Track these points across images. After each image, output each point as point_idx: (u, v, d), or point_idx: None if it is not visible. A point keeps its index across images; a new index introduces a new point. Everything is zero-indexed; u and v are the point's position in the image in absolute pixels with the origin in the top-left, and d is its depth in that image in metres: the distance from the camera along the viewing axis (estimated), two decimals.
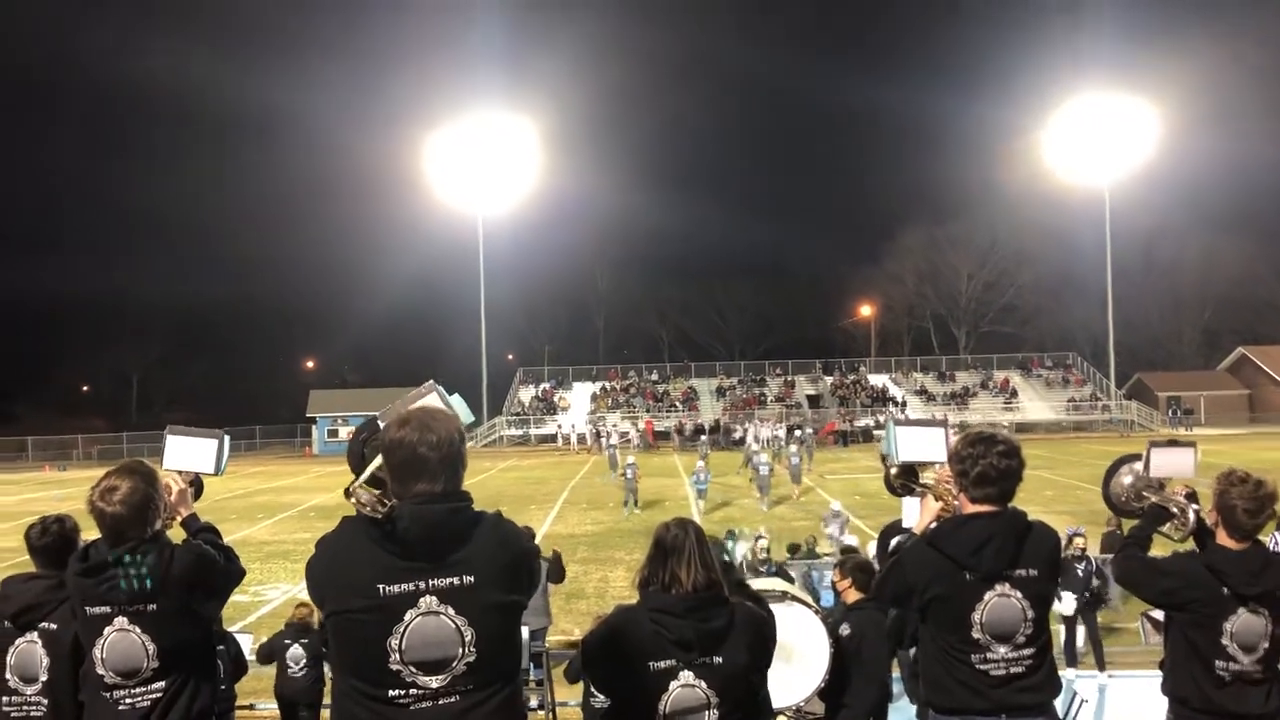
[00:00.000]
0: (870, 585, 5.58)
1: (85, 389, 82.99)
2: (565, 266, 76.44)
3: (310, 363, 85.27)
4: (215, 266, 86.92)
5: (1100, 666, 9.75)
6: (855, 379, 62.64)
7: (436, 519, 2.45)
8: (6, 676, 3.58)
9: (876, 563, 4.65)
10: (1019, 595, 3.25)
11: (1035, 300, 72.28)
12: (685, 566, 2.94)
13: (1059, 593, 9.05)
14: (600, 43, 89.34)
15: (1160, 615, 3.97)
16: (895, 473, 3.83)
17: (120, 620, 3.13)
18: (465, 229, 62.06)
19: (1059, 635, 9.81)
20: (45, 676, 3.53)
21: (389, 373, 68.26)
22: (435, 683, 2.42)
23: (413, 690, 2.42)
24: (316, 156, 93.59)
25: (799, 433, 39.27)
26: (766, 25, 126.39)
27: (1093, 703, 8.79)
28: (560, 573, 10.19)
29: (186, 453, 3.68)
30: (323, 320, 79.65)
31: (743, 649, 2.95)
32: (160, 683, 3.18)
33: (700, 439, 44.76)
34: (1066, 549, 9.83)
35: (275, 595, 14.73)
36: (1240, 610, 3.51)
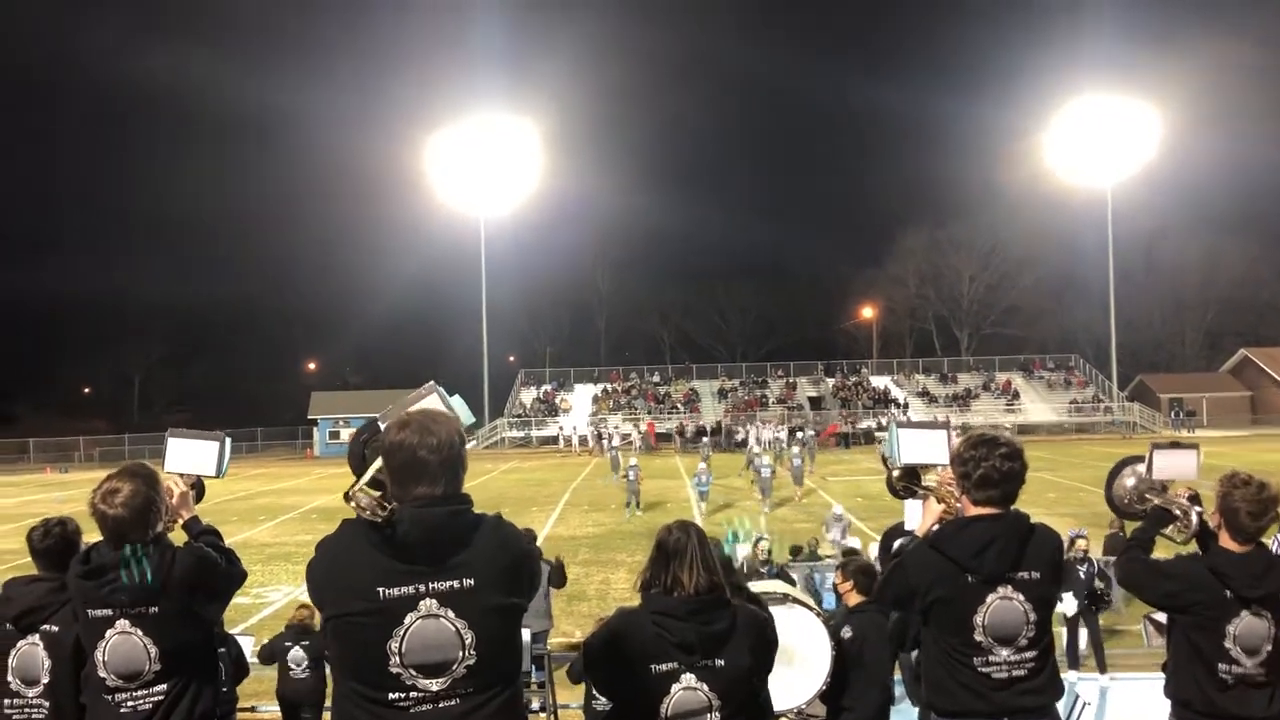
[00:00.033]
0: (872, 588, 5.58)
1: (86, 390, 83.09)
2: (567, 268, 76.60)
3: (312, 364, 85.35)
4: (216, 268, 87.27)
5: (1101, 669, 9.74)
6: (857, 381, 62.62)
7: (437, 522, 2.45)
8: (8, 679, 3.57)
9: (879, 565, 4.64)
10: (1021, 598, 3.24)
11: (1037, 302, 72.22)
12: (687, 569, 2.93)
13: (1061, 594, 9.04)
14: (601, 43, 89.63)
15: (1163, 618, 3.96)
16: (897, 475, 3.82)
17: (122, 623, 3.13)
18: (467, 230, 62.21)
19: (1061, 637, 9.80)
20: (47, 679, 3.53)
21: (390, 374, 68.34)
22: (435, 686, 2.41)
23: (413, 693, 2.41)
24: (318, 157, 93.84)
25: (801, 434, 39.28)
26: (768, 26, 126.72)
27: (1094, 705, 8.78)
28: (562, 579, 10.19)
29: (188, 455, 3.67)
30: (324, 322, 79.87)
31: (745, 651, 2.94)
32: (162, 685, 3.18)
33: (702, 440, 44.75)
34: (1069, 551, 9.82)
35: (277, 597, 14.73)
36: (1243, 613, 3.50)
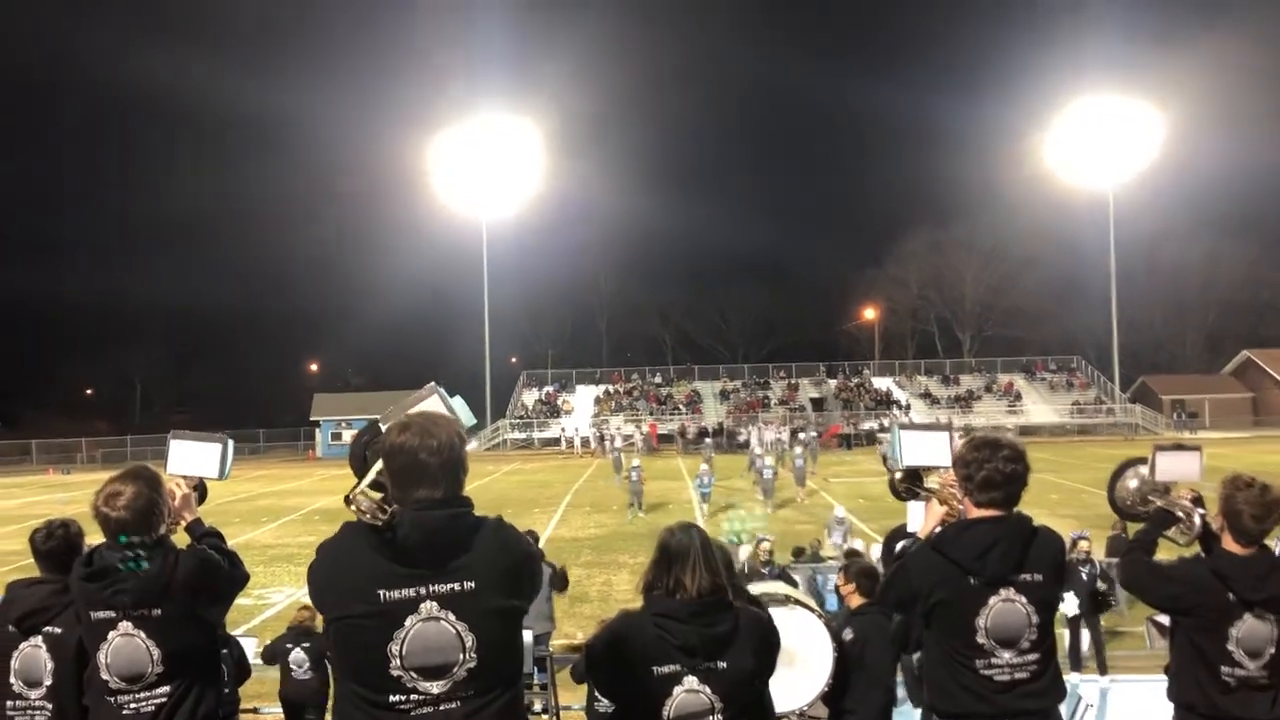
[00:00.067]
0: (874, 590, 5.58)
1: (88, 392, 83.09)
2: (569, 269, 76.54)
3: (314, 366, 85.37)
4: (219, 270, 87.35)
5: (1102, 670, 9.73)
6: (859, 382, 62.59)
7: (437, 525, 2.45)
8: (11, 681, 3.57)
9: (882, 566, 4.64)
10: (1024, 600, 3.23)
11: (1039, 303, 72.07)
12: (689, 571, 2.92)
13: (1062, 594, 9.03)
14: (603, 45, 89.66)
15: (1166, 620, 3.96)
16: (900, 477, 3.82)
17: (124, 625, 3.13)
18: (469, 232, 62.19)
19: (1063, 639, 9.79)
20: (49, 681, 3.53)
21: (393, 376, 68.27)
22: (436, 688, 2.41)
23: (414, 696, 2.41)
24: (320, 159, 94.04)
25: (803, 435, 39.29)
26: (769, 27, 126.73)
27: (1095, 707, 8.78)
28: (564, 585, 10.20)
29: (190, 457, 3.67)
30: (327, 323, 79.86)
31: (748, 654, 2.93)
32: (165, 687, 3.18)
33: (704, 442, 44.75)
34: (1070, 552, 9.82)
35: (279, 599, 14.74)
36: (1246, 616, 3.49)
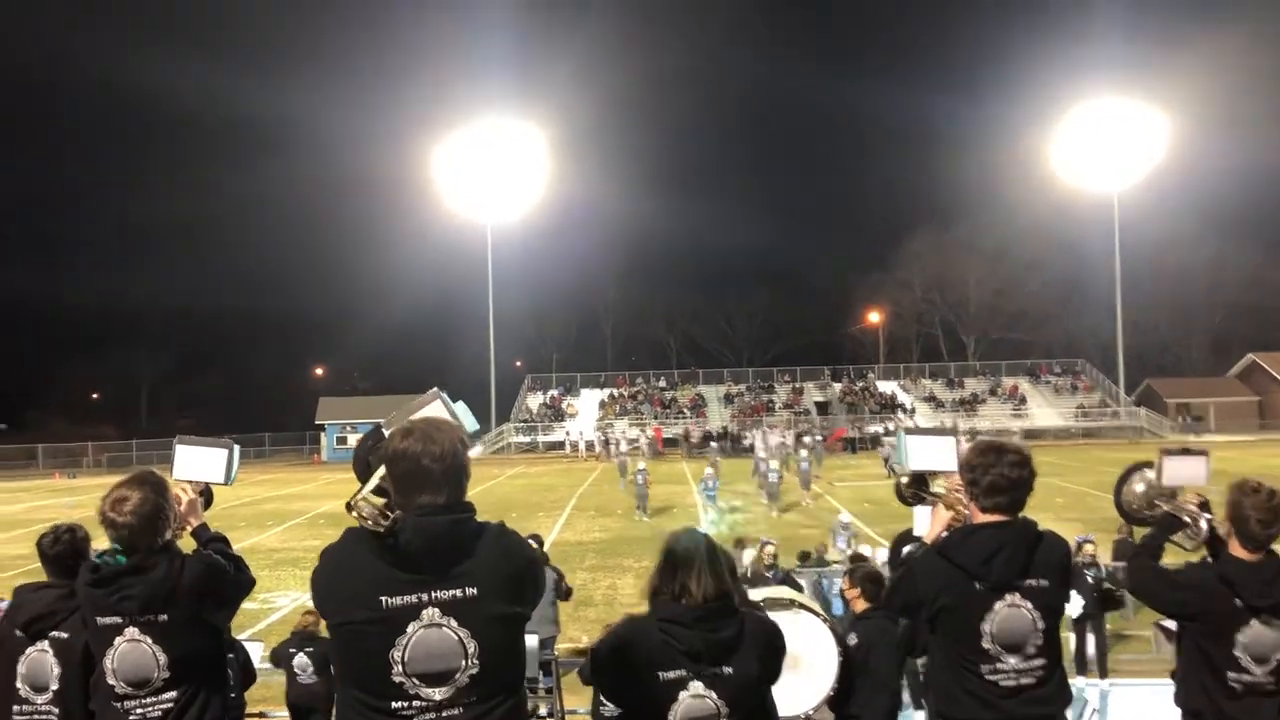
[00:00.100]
0: (879, 595, 5.58)
1: (95, 396, 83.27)
2: (573, 273, 76.61)
3: (319, 370, 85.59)
4: (224, 273, 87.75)
5: (1103, 674, 9.71)
6: (864, 386, 62.55)
7: (439, 531, 2.45)
8: (18, 685, 3.58)
9: (888, 571, 4.64)
10: (1029, 606, 3.22)
11: (1044, 306, 72.01)
12: (695, 577, 2.92)
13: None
14: (607, 49, 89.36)
15: (1172, 625, 3.95)
16: (906, 482, 3.81)
17: (131, 630, 3.13)
18: (474, 237, 62.31)
19: (1068, 643, 9.77)
20: (56, 685, 3.54)
21: (398, 380, 68.30)
22: (438, 695, 2.42)
23: (416, 702, 2.41)
24: (326, 164, 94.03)
25: (808, 439, 39.27)
26: (773, 29, 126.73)
27: (1100, 712, 8.75)
28: (566, 592, 10.20)
29: (196, 463, 3.67)
30: (332, 327, 79.91)
31: (754, 659, 2.93)
32: (171, 692, 3.19)
33: (709, 446, 44.74)
34: (1076, 556, 9.80)
35: (285, 603, 14.74)
36: (1252, 621, 3.48)
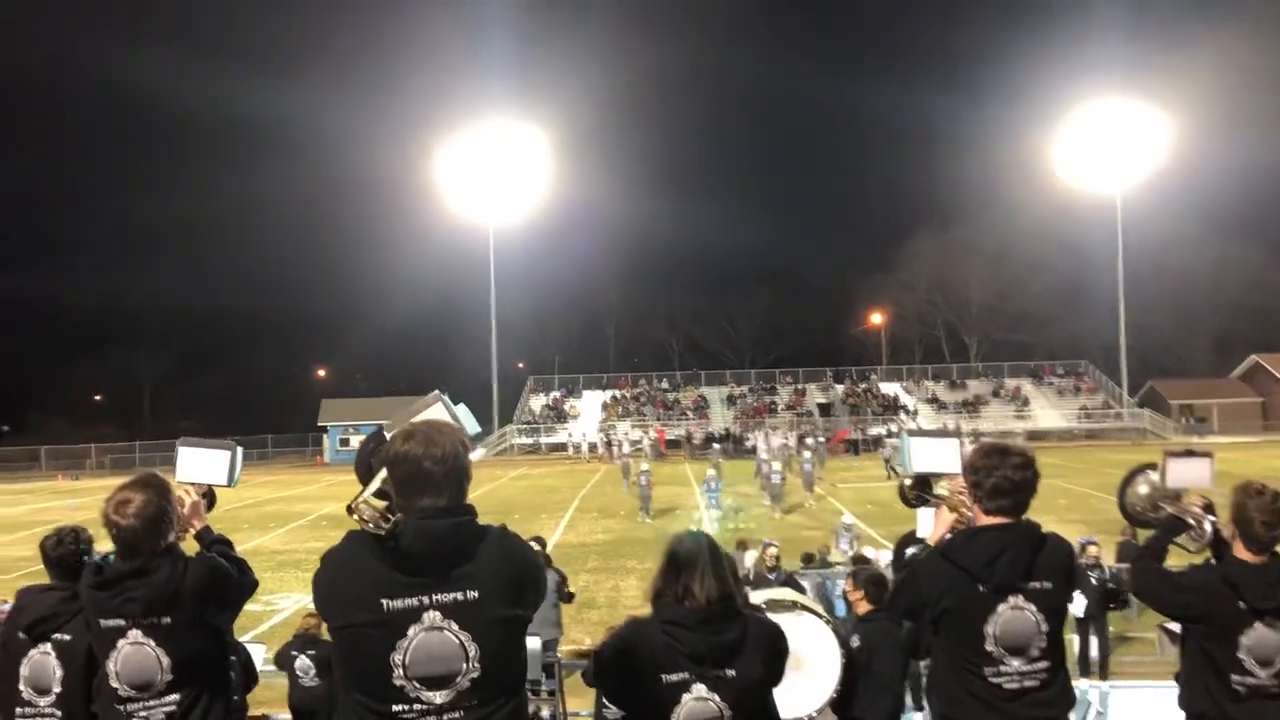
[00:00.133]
0: (881, 597, 5.58)
1: (97, 398, 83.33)
2: (575, 274, 76.51)
3: (322, 371, 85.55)
4: (227, 275, 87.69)
5: (1103, 675, 9.71)
6: (866, 387, 62.53)
7: (440, 534, 2.45)
8: (20, 687, 3.58)
9: (892, 573, 4.63)
10: (1033, 608, 3.22)
11: (1046, 308, 71.92)
12: (698, 579, 2.92)
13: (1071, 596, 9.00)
14: (609, 51, 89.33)
15: (1176, 627, 3.94)
16: (909, 484, 3.81)
17: (134, 633, 3.13)
18: (476, 238, 62.33)
19: (1072, 645, 9.76)
20: (59, 688, 3.54)
21: (400, 381, 68.49)
22: (439, 698, 2.41)
23: (417, 705, 2.41)
24: (328, 165, 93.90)
25: (810, 440, 39.28)
26: (774, 31, 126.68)
27: (1104, 714, 8.74)
28: (569, 597, 10.20)
29: (199, 465, 3.67)
30: (334, 328, 79.85)
31: (757, 662, 2.92)
32: (174, 695, 3.18)
33: (712, 447, 44.74)
34: (1079, 557, 9.79)
35: (287, 605, 14.75)
36: (1256, 624, 3.48)
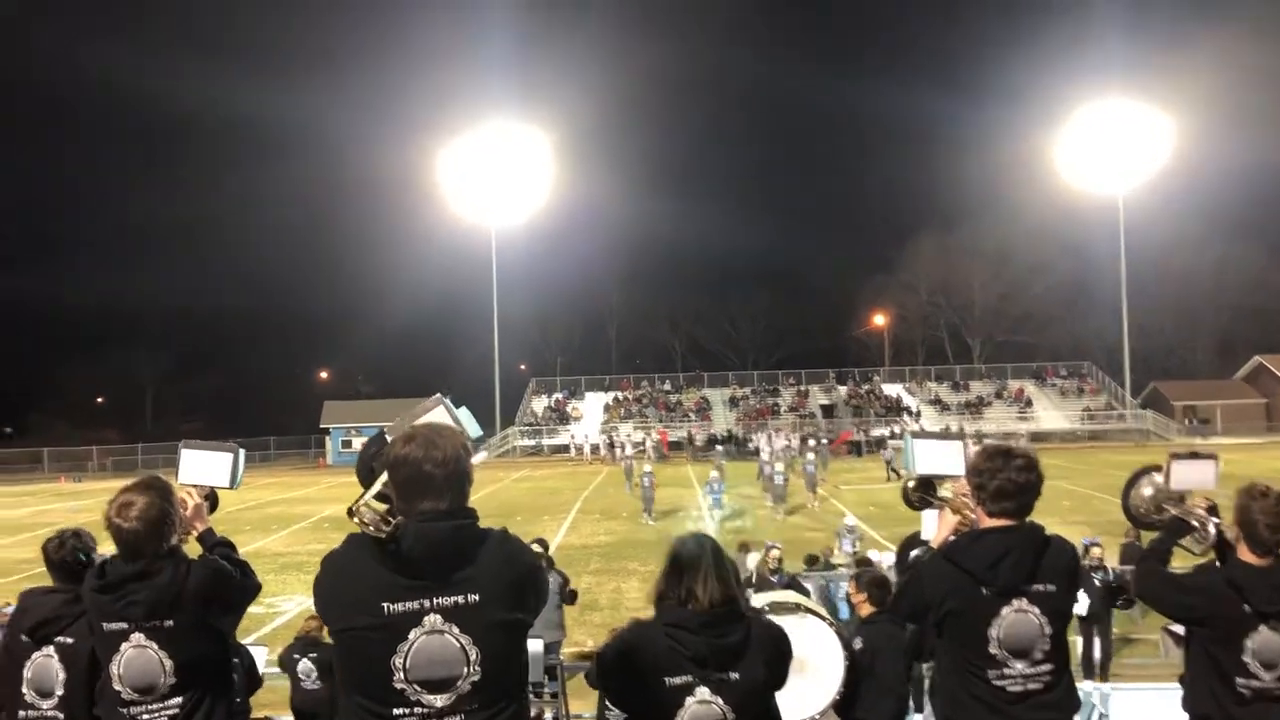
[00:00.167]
0: (884, 599, 5.58)
1: (99, 400, 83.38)
2: (578, 276, 76.54)
3: (324, 374, 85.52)
4: (229, 277, 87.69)
5: (1104, 677, 9.70)
6: (869, 389, 62.44)
7: (441, 537, 2.45)
8: (23, 690, 3.57)
9: (896, 575, 4.62)
10: (1037, 611, 3.21)
11: (1049, 309, 71.89)
12: (701, 581, 2.91)
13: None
14: (611, 52, 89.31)
15: (1181, 630, 3.93)
16: (913, 486, 3.81)
17: (137, 636, 3.13)
18: (478, 240, 62.35)
19: (1076, 646, 9.75)
20: (61, 691, 3.53)
21: (403, 383, 68.34)
22: (440, 701, 2.41)
23: (417, 708, 2.41)
24: (330, 166, 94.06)
25: (813, 442, 39.26)
26: (776, 31, 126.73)
27: (1108, 717, 8.73)
28: (572, 597, 10.20)
29: (201, 467, 3.67)
30: (336, 331, 79.89)
31: (760, 665, 2.92)
32: (177, 698, 3.18)
33: (715, 449, 44.74)
34: (1083, 559, 9.78)
35: (290, 607, 14.75)
36: (1261, 627, 3.47)
